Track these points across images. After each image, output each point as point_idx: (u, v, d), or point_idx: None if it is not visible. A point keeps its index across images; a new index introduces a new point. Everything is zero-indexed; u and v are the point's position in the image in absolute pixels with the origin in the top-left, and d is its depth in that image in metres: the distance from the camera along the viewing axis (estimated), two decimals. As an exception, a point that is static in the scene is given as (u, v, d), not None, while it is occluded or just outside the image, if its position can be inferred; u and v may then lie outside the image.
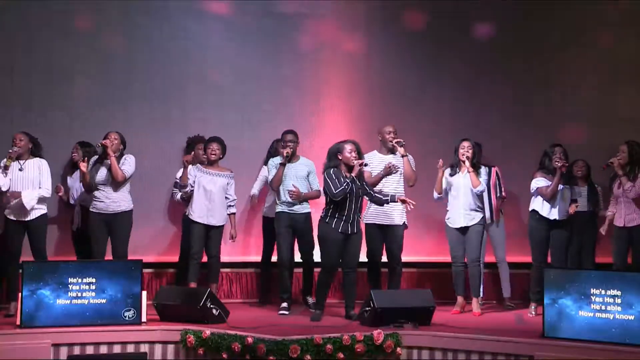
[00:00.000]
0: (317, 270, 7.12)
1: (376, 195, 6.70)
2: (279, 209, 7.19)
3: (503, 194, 7.43)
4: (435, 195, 7.16)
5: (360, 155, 6.58)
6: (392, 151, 7.12)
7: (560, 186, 6.95)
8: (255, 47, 8.33)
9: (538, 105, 8.51)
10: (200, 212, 7.08)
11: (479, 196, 7.04)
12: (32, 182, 6.71)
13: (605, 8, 8.59)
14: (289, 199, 7.00)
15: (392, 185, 7.01)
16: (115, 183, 6.82)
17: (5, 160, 6.64)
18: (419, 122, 8.30)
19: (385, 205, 6.80)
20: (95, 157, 6.99)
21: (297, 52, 8.41)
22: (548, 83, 8.56)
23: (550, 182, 6.94)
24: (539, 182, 7.03)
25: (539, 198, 7.03)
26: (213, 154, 7.15)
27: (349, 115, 8.41)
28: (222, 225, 7.21)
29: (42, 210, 6.76)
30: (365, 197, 6.71)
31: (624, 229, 6.86)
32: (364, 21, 8.54)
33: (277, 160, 7.16)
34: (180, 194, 7.44)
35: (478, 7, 8.52)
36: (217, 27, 8.30)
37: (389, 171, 6.91)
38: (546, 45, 8.56)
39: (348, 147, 6.56)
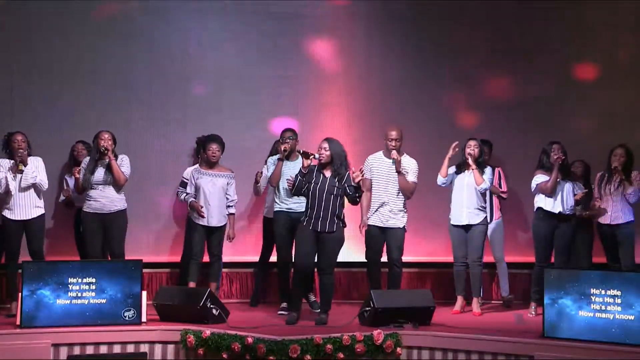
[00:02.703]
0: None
1: (350, 194, 6.55)
2: (277, 208, 7.19)
3: (503, 195, 7.43)
4: (439, 179, 7.14)
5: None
6: None
7: (561, 181, 6.97)
8: (255, 47, 8.32)
9: (539, 104, 8.50)
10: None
11: (483, 194, 7.07)
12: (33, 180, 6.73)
13: (606, 8, 8.57)
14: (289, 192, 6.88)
15: (392, 196, 6.98)
16: (115, 184, 6.81)
17: (17, 164, 6.60)
18: (418, 122, 8.28)
19: (384, 206, 6.88)
20: (88, 157, 6.95)
21: (297, 51, 8.39)
22: (549, 81, 8.54)
23: (550, 178, 6.96)
24: (538, 178, 7.05)
25: (542, 195, 7.04)
26: (214, 155, 7.12)
27: (349, 115, 8.40)
28: (224, 225, 7.20)
29: (40, 210, 6.77)
30: (346, 197, 6.61)
31: (609, 227, 6.92)
32: (364, 21, 8.53)
33: (276, 157, 7.17)
34: (184, 194, 7.39)
35: (478, 7, 8.52)
36: (217, 27, 8.29)
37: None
38: (546, 44, 8.55)
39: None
